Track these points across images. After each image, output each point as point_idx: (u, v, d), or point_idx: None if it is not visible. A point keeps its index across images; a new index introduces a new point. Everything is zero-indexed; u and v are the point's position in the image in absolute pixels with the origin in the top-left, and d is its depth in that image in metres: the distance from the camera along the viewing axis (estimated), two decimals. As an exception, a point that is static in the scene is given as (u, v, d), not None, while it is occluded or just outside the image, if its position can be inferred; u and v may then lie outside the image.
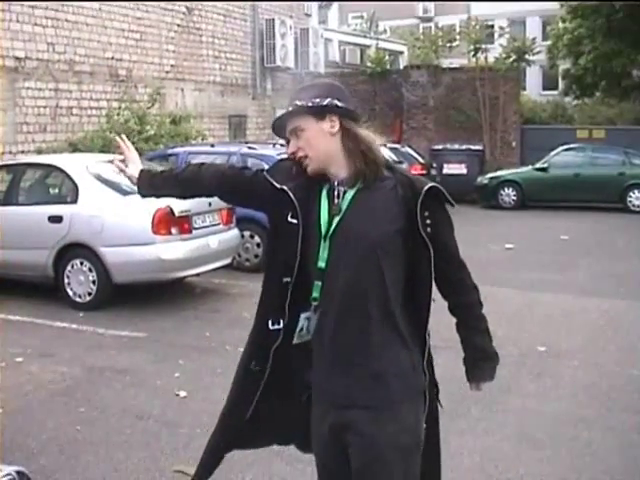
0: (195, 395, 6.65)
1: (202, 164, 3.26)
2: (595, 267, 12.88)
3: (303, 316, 2.93)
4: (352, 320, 2.83)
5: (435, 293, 2.94)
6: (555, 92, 36.57)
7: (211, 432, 3.27)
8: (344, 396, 2.87)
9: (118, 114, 16.40)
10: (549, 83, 42.69)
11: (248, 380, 3.08)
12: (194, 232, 9.93)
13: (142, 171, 3.28)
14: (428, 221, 2.83)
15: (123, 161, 3.38)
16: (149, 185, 3.27)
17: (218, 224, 10.52)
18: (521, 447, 5.58)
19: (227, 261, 10.85)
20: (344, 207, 2.85)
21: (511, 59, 27.02)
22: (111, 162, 3.54)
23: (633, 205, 21.14)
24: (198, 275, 10.57)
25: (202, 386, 6.87)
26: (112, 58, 18.14)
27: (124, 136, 3.57)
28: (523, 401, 6.50)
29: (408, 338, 2.89)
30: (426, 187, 2.84)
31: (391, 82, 27.90)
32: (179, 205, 9.44)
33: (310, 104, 2.87)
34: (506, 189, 22.16)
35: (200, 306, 10.04)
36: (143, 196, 3.34)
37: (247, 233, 11.97)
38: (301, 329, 2.95)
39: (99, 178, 9.98)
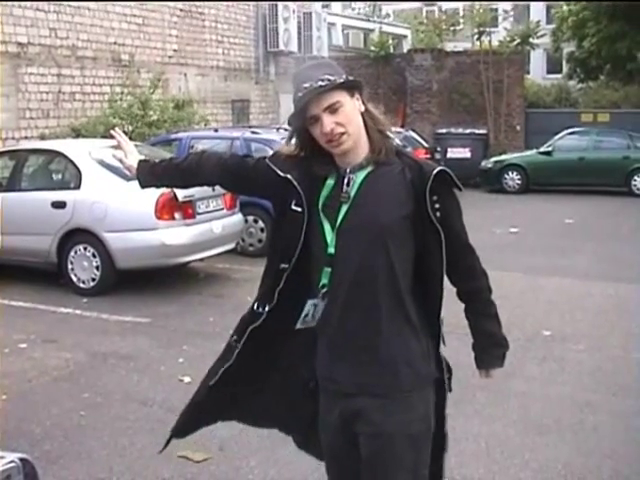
0: (199, 380, 6.61)
1: (203, 153, 3.20)
2: (600, 251, 12.85)
3: (310, 302, 2.88)
4: (361, 307, 2.80)
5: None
6: (559, 76, 36.45)
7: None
8: (353, 384, 2.84)
9: (121, 99, 16.35)
10: (553, 67, 42.56)
11: (225, 353, 3.11)
12: (197, 217, 9.91)
13: (141, 161, 3.23)
14: (437, 205, 2.78)
15: (117, 146, 3.35)
16: (149, 175, 3.21)
17: (222, 209, 10.50)
18: (526, 432, 5.56)
19: (231, 246, 10.83)
20: (352, 194, 2.80)
21: (515, 42, 26.92)
22: (114, 147, 3.50)
23: (638, 189, 21.09)
24: (202, 260, 10.57)
25: (205, 371, 6.83)
26: (114, 43, 18.07)
27: (117, 129, 3.53)
28: (528, 386, 6.48)
29: (418, 325, 2.85)
30: (435, 171, 2.79)
31: (395, 66, 27.84)
32: (182, 190, 9.40)
33: (342, 80, 2.77)
34: (510, 173, 22.12)
35: (204, 291, 10.04)
36: (143, 187, 3.27)
37: (251, 218, 11.94)
38: (306, 315, 2.91)
39: (102, 164, 9.94)
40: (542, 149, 22.24)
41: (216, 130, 14.43)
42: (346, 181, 2.81)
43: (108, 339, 7.90)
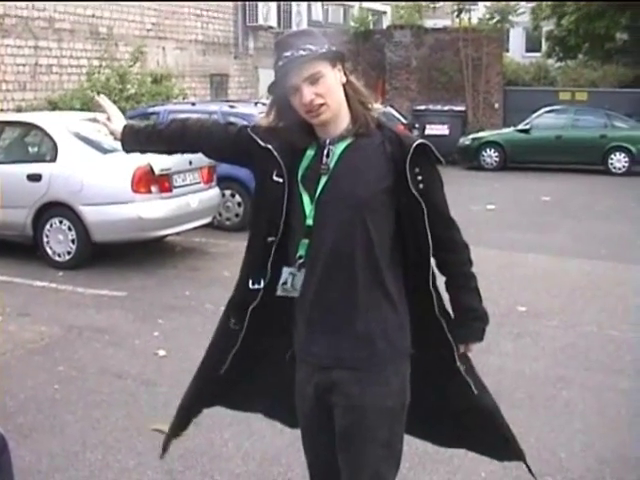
0: (174, 354, 6.63)
1: (187, 120, 3.16)
2: (576, 228, 12.92)
3: (286, 270, 2.85)
4: (338, 280, 2.78)
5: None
6: (538, 54, 36.40)
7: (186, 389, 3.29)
8: (329, 357, 2.84)
9: (99, 72, 16.23)
10: (532, 45, 42.43)
11: (225, 337, 3.05)
12: (174, 191, 9.86)
13: (126, 126, 3.18)
14: (419, 177, 2.78)
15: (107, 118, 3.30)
16: (133, 141, 3.17)
17: (199, 183, 10.45)
18: (499, 407, 5.58)
19: (207, 220, 10.80)
20: (332, 165, 2.78)
21: (494, 20, 26.88)
22: (94, 120, 3.46)
23: (614, 167, 21.17)
24: (178, 234, 10.53)
25: (181, 345, 6.85)
26: (92, 15, 17.93)
27: (102, 95, 3.49)
28: (502, 361, 6.51)
29: (397, 299, 2.85)
30: (415, 144, 2.77)
31: (374, 42, 27.70)
32: (159, 163, 9.37)
33: (324, 50, 2.74)
34: (488, 150, 22.13)
35: (180, 265, 10.01)
36: (127, 151, 3.23)
37: (228, 192, 11.92)
38: (285, 282, 2.86)
39: (78, 136, 9.89)
40: (520, 127, 22.27)
41: (193, 104, 14.37)
42: (326, 152, 2.79)
43: (83, 312, 7.88)
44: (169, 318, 7.67)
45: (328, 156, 2.79)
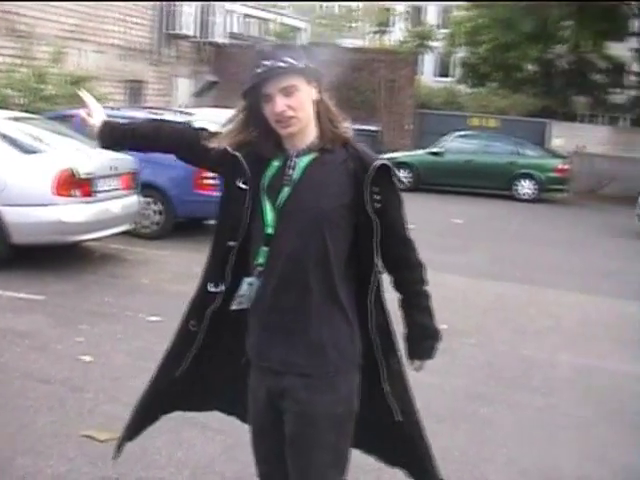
0: (98, 360, 6.56)
1: (162, 121, 3.25)
2: (488, 251, 13.27)
3: (247, 280, 2.93)
4: (292, 289, 2.86)
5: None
6: (448, 79, 37.18)
7: (140, 395, 3.33)
8: (282, 362, 2.91)
9: (15, 71, 15.95)
10: (443, 70, 43.32)
11: (184, 339, 3.12)
12: (96, 196, 9.72)
13: (104, 123, 3.21)
14: (377, 197, 2.88)
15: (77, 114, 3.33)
16: (109, 137, 3.20)
17: (120, 189, 10.34)
18: (424, 422, 5.70)
19: (127, 227, 10.70)
20: (295, 177, 2.87)
21: (416, 43, 27.39)
22: (15, 119, 3.47)
23: (519, 194, 21.88)
24: (98, 239, 10.40)
25: (104, 351, 6.79)
26: (11, 12, 17.59)
27: (83, 89, 3.52)
28: (426, 377, 6.62)
29: (349, 310, 2.93)
30: (376, 164, 2.89)
31: (291, 58, 27.88)
32: (82, 167, 9.28)
33: (303, 66, 2.83)
34: (401, 171, 22.46)
35: (99, 271, 9.88)
36: (103, 147, 3.29)
37: (147, 199, 11.75)
38: (242, 295, 2.95)
39: (-1, 135, 9.70)
40: (430, 149, 22.72)
41: (119, 109, 14.17)
42: (291, 164, 2.88)
43: (2, 315, 7.70)
44: (91, 324, 7.57)
45: (292, 168, 2.88)
